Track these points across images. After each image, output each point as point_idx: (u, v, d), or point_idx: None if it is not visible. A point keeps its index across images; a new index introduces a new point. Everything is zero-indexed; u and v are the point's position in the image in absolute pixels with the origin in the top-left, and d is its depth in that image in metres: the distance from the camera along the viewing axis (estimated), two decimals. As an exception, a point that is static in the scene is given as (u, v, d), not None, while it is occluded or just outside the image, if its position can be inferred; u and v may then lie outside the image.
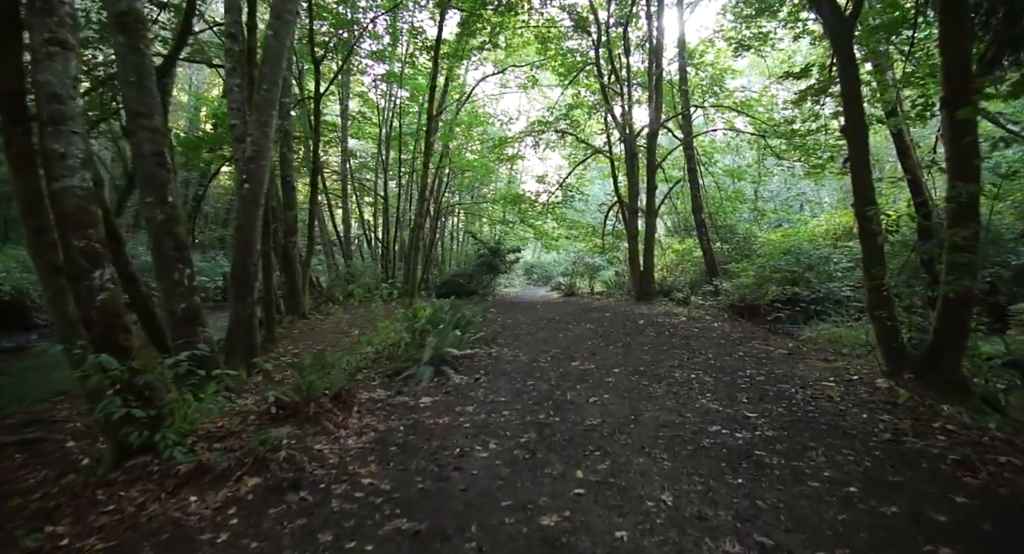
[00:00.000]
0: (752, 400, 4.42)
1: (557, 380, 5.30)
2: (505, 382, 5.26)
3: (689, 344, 7.04)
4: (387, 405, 4.47)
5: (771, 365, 5.74)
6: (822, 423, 3.81)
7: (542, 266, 30.37)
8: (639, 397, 4.63)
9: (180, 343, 4.62)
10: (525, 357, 6.48)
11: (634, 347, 6.97)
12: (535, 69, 17.61)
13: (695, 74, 15.19)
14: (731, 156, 17.04)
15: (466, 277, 19.31)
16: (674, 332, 8.04)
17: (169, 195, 4.58)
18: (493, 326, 9.13)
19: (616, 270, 19.27)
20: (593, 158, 18.70)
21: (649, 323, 9.01)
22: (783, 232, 15.24)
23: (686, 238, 17.74)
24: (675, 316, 9.85)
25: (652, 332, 8.11)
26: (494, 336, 7.98)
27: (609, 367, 5.81)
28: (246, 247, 5.55)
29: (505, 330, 8.84)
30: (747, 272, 10.79)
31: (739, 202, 15.67)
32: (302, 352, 7.22)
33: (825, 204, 24.46)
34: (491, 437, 3.70)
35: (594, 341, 7.51)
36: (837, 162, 11.78)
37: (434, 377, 5.32)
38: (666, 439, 3.58)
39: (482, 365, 6.02)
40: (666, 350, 6.69)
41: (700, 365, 5.78)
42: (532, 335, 8.24)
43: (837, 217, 14.39)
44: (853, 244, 13.06)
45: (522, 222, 19.84)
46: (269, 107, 5.56)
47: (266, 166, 5.61)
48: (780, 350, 6.57)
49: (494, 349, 7.00)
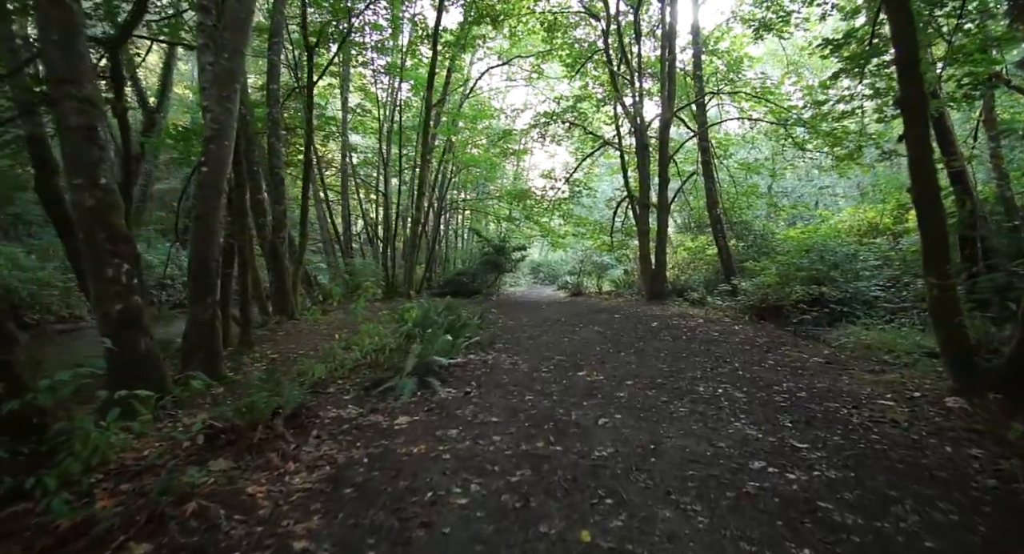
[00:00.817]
0: (798, 424, 3.59)
1: (560, 395, 4.50)
2: (500, 397, 4.47)
3: (710, 351, 6.21)
4: (355, 426, 3.70)
5: (809, 377, 4.89)
6: (896, 459, 2.98)
7: (549, 265, 29.56)
8: (658, 418, 3.83)
9: (117, 354, 3.89)
10: (525, 365, 5.68)
11: (648, 354, 6.15)
12: (541, 60, 16.82)
13: (710, 62, 14.30)
14: (746, 150, 16.10)
15: (469, 276, 18.56)
16: (692, 336, 7.20)
17: (102, 176, 3.84)
18: (492, 328, 8.35)
19: (625, 269, 18.42)
20: (602, 153, 17.84)
21: (663, 326, 8.18)
22: (802, 228, 14.32)
23: (698, 235, 16.86)
24: (691, 318, 9.00)
25: (667, 336, 7.28)
26: (492, 340, 7.19)
27: (621, 378, 5.00)
28: (206, 239, 4.81)
29: (505, 333, 8.05)
30: (769, 271, 9.91)
31: (755, 197, 14.75)
32: (281, 357, 6.49)
33: (840, 200, 23.44)
34: (475, 474, 2.91)
35: (603, 346, 6.69)
36: (869, 152, 10.87)
37: (417, 390, 4.55)
38: (697, 481, 2.77)
39: (475, 375, 5.23)
40: (685, 358, 5.86)
41: (727, 377, 4.95)
42: (534, 339, 7.44)
43: (863, 212, 13.44)
44: (880, 241, 12.14)
45: (527, 219, 19.04)
46: (231, 80, 4.82)
47: (229, 147, 4.87)
48: (815, 358, 5.72)
49: (491, 355, 6.22)
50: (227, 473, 2.83)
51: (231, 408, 3.25)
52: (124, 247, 3.95)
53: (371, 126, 18.32)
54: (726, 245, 12.69)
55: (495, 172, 21.60)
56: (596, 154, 17.20)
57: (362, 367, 5.50)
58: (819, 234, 12.65)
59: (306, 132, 11.15)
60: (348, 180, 17.61)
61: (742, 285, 10.59)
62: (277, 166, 9.90)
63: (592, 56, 14.43)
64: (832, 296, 9.39)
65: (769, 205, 14.46)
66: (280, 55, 10.25)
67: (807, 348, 6.40)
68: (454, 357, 5.73)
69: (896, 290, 10.03)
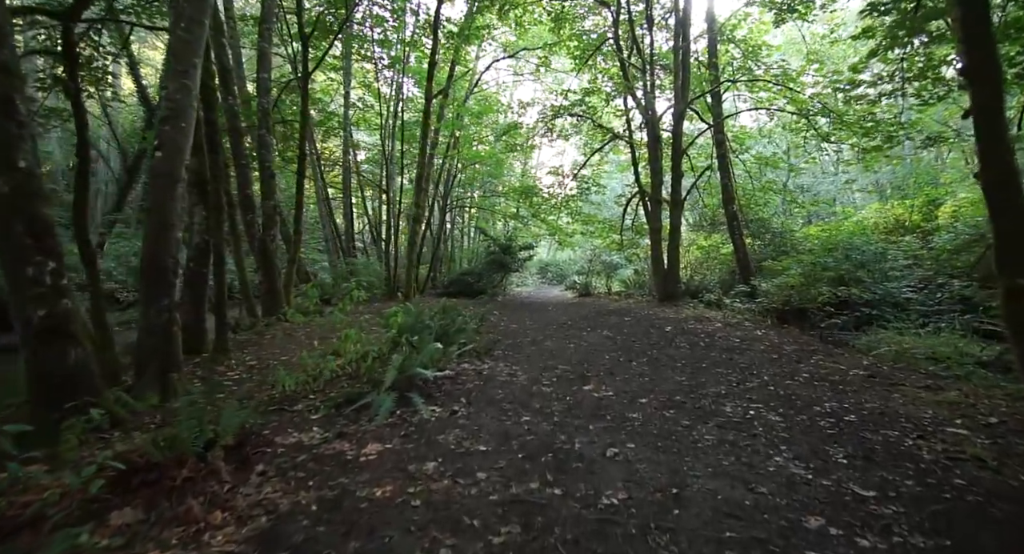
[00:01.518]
0: (855, 461, 2.89)
1: (563, 415, 3.83)
2: (491, 417, 3.80)
3: (733, 360, 5.49)
4: (314, 457, 3.05)
5: (854, 395, 4.17)
6: (1001, 518, 2.26)
7: (557, 264, 28.85)
8: (679, 449, 3.14)
9: (39, 367, 3.30)
10: (524, 377, 5.01)
11: (663, 364, 5.44)
12: (548, 52, 16.12)
13: (725, 52, 13.51)
14: (762, 144, 15.27)
15: (475, 276, 17.92)
16: (711, 343, 6.48)
17: (21, 158, 3.24)
18: (492, 333, 7.69)
19: (635, 268, 17.66)
20: (611, 148, 17.10)
21: (678, 330, 7.46)
22: (822, 226, 13.50)
23: (712, 233, 16.04)
24: (708, 322, 8.27)
25: (684, 343, 6.57)
26: (491, 346, 6.52)
27: (633, 394, 4.31)
28: (160, 235, 4.20)
29: (506, 338, 7.38)
30: (792, 271, 9.14)
31: (772, 193, 13.92)
32: (261, 364, 5.89)
33: (857, 197, 22.54)
34: (448, 532, 2.25)
35: (612, 354, 6.00)
36: (905, 144, 10.04)
37: (396, 408, 3.89)
38: (738, 549, 2.08)
39: (466, 389, 4.57)
40: (705, 369, 5.15)
41: (757, 394, 4.24)
42: (537, 345, 6.76)
43: (890, 209, 12.58)
44: (909, 239, 11.28)
45: (534, 217, 18.35)
46: (190, 52, 4.21)
47: (187, 130, 4.25)
48: (855, 370, 4.98)
49: (487, 364, 5.55)
50: (130, 529, 2.20)
51: (151, 440, 2.61)
52: (49, 242, 3.35)
53: (374, 122, 17.73)
54: (743, 243, 11.91)
55: (501, 169, 20.94)
56: (606, 149, 16.45)
57: (343, 378, 4.87)
58: (842, 232, 11.84)
59: (301, 125, 10.55)
60: (350, 177, 17.03)
61: (762, 286, 9.82)
62: (267, 160, 9.32)
63: (601, 46, 13.70)
64: (860, 298, 8.63)
65: (788, 202, 13.62)
66: (271, 43, 9.68)
67: (842, 358, 5.66)
68: (445, 367, 5.08)
69: (929, 292, 9.23)
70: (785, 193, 13.66)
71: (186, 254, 6.29)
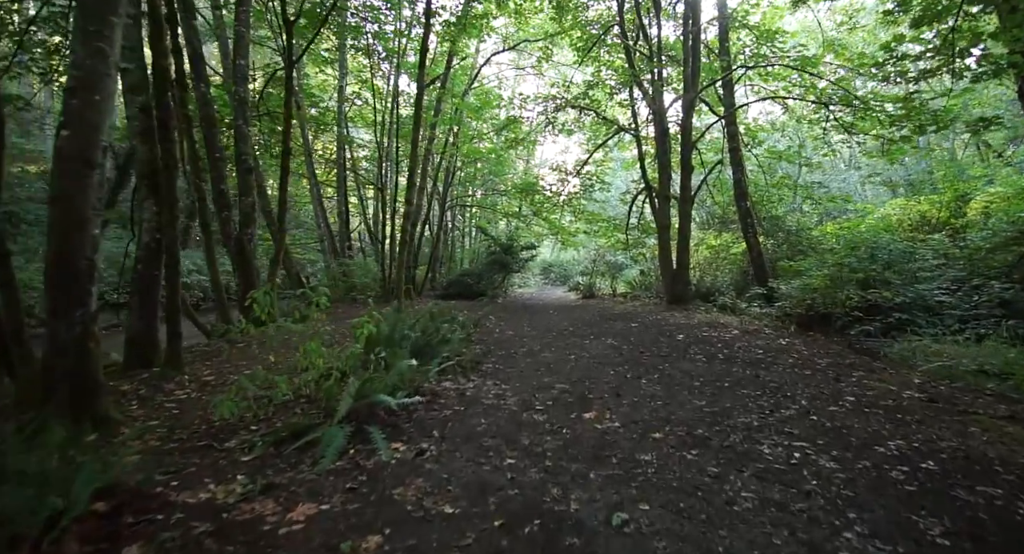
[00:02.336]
0: (959, 541, 2.06)
1: (557, 456, 3.02)
2: (467, 460, 3.00)
3: (760, 377, 4.65)
4: (219, 528, 2.26)
5: (919, 427, 3.33)
6: None
7: (560, 265, 28.05)
8: (710, 514, 2.32)
9: None
10: (514, 399, 4.20)
11: (678, 381, 4.62)
12: (550, 42, 15.31)
13: (737, 40, 12.64)
14: (774, 138, 14.37)
15: (474, 277, 17.14)
16: (731, 354, 5.64)
17: None
18: (484, 342, 6.88)
19: (641, 269, 16.82)
20: (616, 143, 16.26)
21: (692, 338, 6.63)
22: (840, 223, 12.61)
23: (721, 232, 15.17)
24: (723, 328, 7.43)
25: (699, 354, 5.73)
26: (480, 358, 5.72)
27: (644, 425, 3.49)
28: (70, 231, 3.42)
29: (500, 347, 6.56)
30: (815, 272, 8.28)
31: (787, 189, 13.02)
32: (219, 380, 5.14)
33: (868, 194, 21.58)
34: None
35: (618, 369, 5.17)
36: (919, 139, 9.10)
37: (350, 447, 3.10)
38: None
39: (441, 418, 3.76)
40: (729, 389, 4.32)
41: (798, 425, 3.41)
42: (533, 357, 5.94)
43: (915, 205, 11.65)
44: (939, 237, 10.37)
45: (536, 215, 17.54)
46: (105, 7, 3.44)
47: (102, 105, 3.47)
48: (909, 392, 4.14)
49: (472, 383, 4.74)
50: None
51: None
52: None
53: (371, 118, 16.97)
54: (757, 242, 11.04)
55: (503, 167, 20.13)
56: (610, 145, 15.60)
57: (300, 402, 4.10)
58: (863, 229, 10.97)
59: (285, 118, 9.78)
60: (345, 175, 16.25)
61: (781, 288, 8.97)
62: (244, 153, 8.56)
63: (605, 35, 12.86)
64: (891, 302, 7.76)
65: (804, 198, 12.72)
66: (249, 27, 8.94)
67: (887, 374, 4.80)
68: (421, 388, 4.28)
69: (964, 294, 8.36)
70: (800, 189, 12.76)
71: (135, 255, 5.55)
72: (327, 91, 17.91)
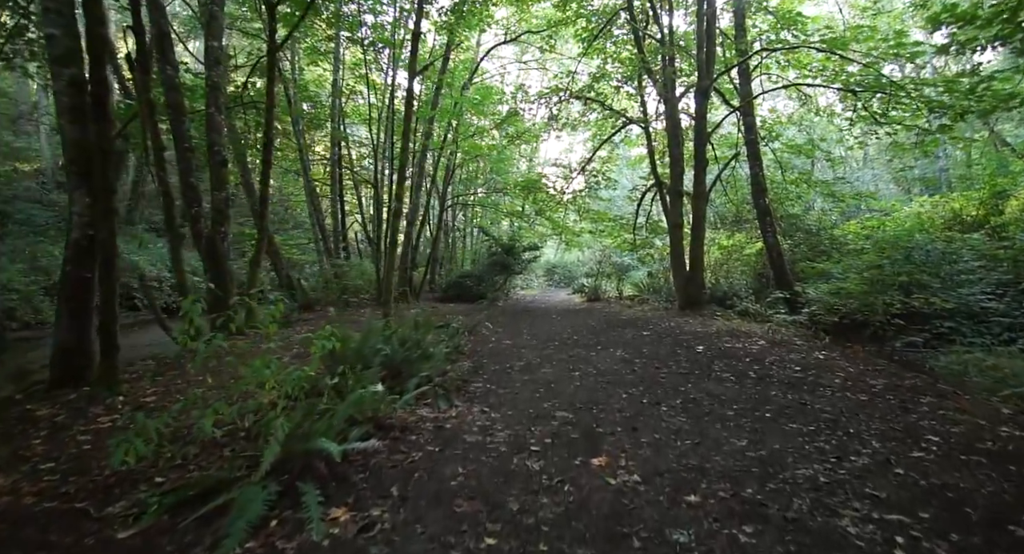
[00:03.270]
0: None
1: (554, 534, 2.14)
2: (428, 540, 2.12)
3: (807, 405, 3.76)
4: None
5: (1048, 487, 2.43)
6: None
7: (564, 266, 27.16)
8: None
9: None
10: (503, 434, 3.32)
11: (706, 409, 3.73)
12: (554, 33, 14.43)
13: (753, 26, 11.70)
14: (791, 132, 13.40)
15: (474, 278, 16.30)
16: (764, 372, 4.74)
17: None
18: (476, 355, 6.00)
19: (649, 270, 15.90)
20: (623, 138, 15.34)
21: (714, 350, 5.73)
22: (862, 222, 11.65)
23: (734, 231, 14.22)
24: (747, 338, 6.52)
25: (726, 371, 4.84)
26: (469, 376, 4.84)
27: (674, 481, 2.60)
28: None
29: (493, 360, 5.69)
30: (851, 274, 7.37)
31: (805, 186, 12.06)
32: (161, 400, 4.31)
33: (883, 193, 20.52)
34: None
35: (632, 391, 4.29)
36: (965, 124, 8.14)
37: (271, 515, 2.24)
38: None
39: (406, 465, 2.87)
40: (772, 420, 3.43)
41: (880, 481, 2.51)
42: (532, 373, 5.06)
43: (950, 202, 10.69)
44: (978, 236, 9.41)
45: (539, 214, 16.67)
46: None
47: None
48: (1006, 429, 3.23)
49: (455, 409, 3.87)
50: None
51: None
52: None
53: (367, 114, 16.15)
54: (777, 242, 10.11)
55: (505, 165, 19.24)
56: (616, 139, 14.68)
57: (240, 437, 3.25)
58: (891, 228, 10.02)
59: (267, 106, 8.96)
60: (341, 172, 15.44)
61: (808, 293, 8.04)
62: (218, 144, 7.74)
63: (611, 22, 11.95)
64: (933, 308, 6.85)
65: (824, 195, 11.77)
66: (222, 6, 8.13)
67: (963, 400, 3.89)
68: (390, 417, 3.41)
69: (1012, 299, 7.45)
70: (821, 186, 11.80)
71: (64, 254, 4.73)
72: (323, 86, 17.14)
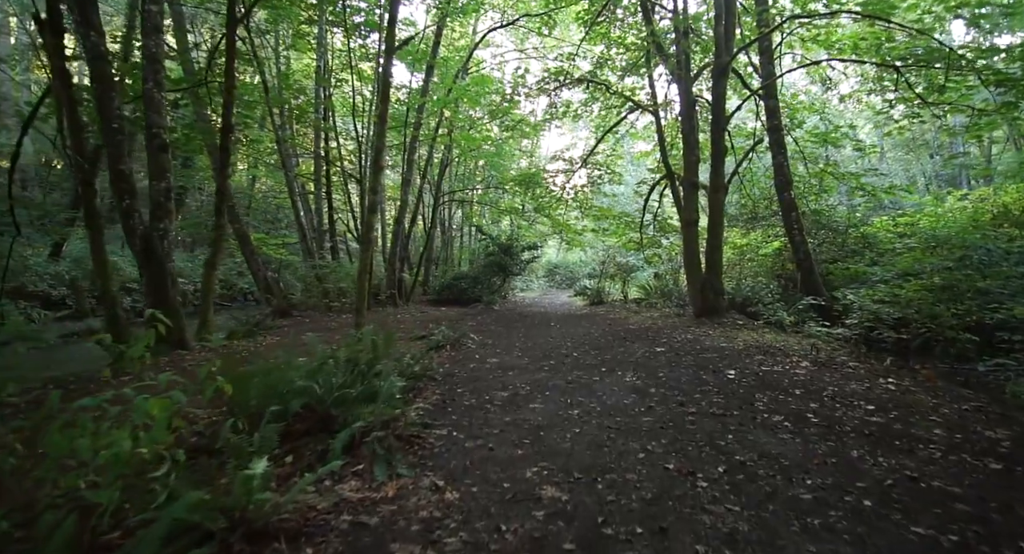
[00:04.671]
0: None
1: None
2: None
3: (920, 483, 2.48)
4: None
5: None
6: None
7: (566, 266, 25.90)
8: None
9: None
10: (455, 544, 2.07)
11: (768, 491, 2.45)
12: (553, 16, 13.15)
13: (775, 2, 10.39)
14: (812, 120, 12.05)
15: (470, 280, 15.06)
16: (828, 415, 3.45)
17: None
18: (450, 382, 4.73)
19: (656, 271, 14.61)
20: (628, 131, 14.04)
21: (750, 377, 4.45)
22: (896, 218, 10.34)
23: (751, 229, 12.89)
24: (783, 357, 5.24)
25: (774, 411, 3.56)
26: (430, 419, 3.58)
27: None
28: None
29: (469, 390, 4.42)
30: (914, 281, 6.07)
31: (832, 179, 10.73)
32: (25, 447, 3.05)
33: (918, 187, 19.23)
34: None
35: (653, 448, 3.01)
36: None
37: None
38: None
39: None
40: (876, 514, 2.16)
41: None
42: (515, 413, 3.78)
43: (999, 195, 9.34)
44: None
45: (537, 211, 15.40)
46: None
47: None
48: None
49: (394, 484, 2.60)
50: None
51: None
52: None
53: (355, 106, 14.89)
54: (804, 241, 8.82)
55: (504, 160, 17.94)
56: (620, 130, 13.38)
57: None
58: (938, 224, 8.72)
59: (226, 87, 7.76)
60: (323, 167, 14.19)
61: (849, 299, 6.74)
62: (157, 126, 6.53)
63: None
64: (1008, 320, 5.54)
65: (853, 189, 10.43)
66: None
67: None
68: (277, 514, 2.16)
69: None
70: (850, 178, 10.47)
71: None
72: (308, 73, 15.92)
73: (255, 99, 11.61)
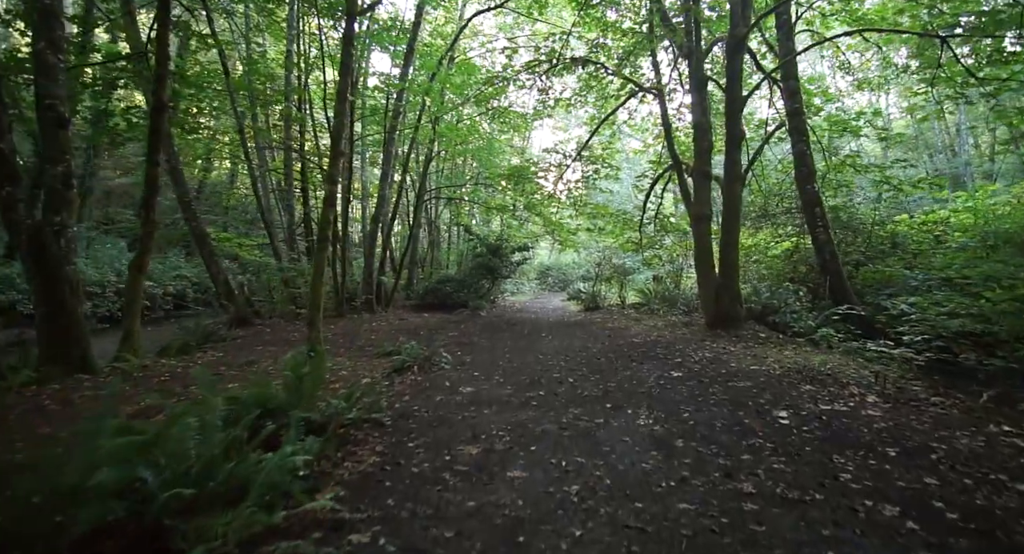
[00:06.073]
0: None
1: None
2: None
3: None
4: None
5: None
6: None
7: (560, 268, 24.62)
8: None
9: None
10: None
11: None
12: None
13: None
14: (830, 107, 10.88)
15: (455, 284, 13.76)
16: (968, 504, 2.21)
17: None
18: (398, 429, 3.43)
19: (655, 274, 13.40)
20: (626, 121, 12.83)
21: (811, 423, 3.21)
22: (926, 216, 9.20)
23: (761, 227, 11.67)
24: (839, 387, 4.02)
25: (875, 491, 2.31)
26: (353, 500, 2.30)
27: None
28: None
29: (422, 445, 3.13)
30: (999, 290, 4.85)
31: (854, 170, 9.56)
32: None
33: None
34: None
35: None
36: None
37: None
38: None
39: None
40: None
41: None
42: (481, 495, 2.51)
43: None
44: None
45: (528, 209, 14.14)
46: None
47: None
48: None
49: None
50: None
51: None
52: None
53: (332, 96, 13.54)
54: (830, 241, 7.63)
55: (494, 156, 16.65)
56: (619, 118, 12.15)
57: None
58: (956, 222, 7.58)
59: (157, 59, 6.45)
60: (304, 160, 12.85)
61: (902, 309, 5.52)
62: (53, 96, 5.20)
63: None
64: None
65: (877, 182, 9.27)
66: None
67: None
68: None
69: None
70: (875, 170, 9.30)
71: None
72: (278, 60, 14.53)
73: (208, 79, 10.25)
